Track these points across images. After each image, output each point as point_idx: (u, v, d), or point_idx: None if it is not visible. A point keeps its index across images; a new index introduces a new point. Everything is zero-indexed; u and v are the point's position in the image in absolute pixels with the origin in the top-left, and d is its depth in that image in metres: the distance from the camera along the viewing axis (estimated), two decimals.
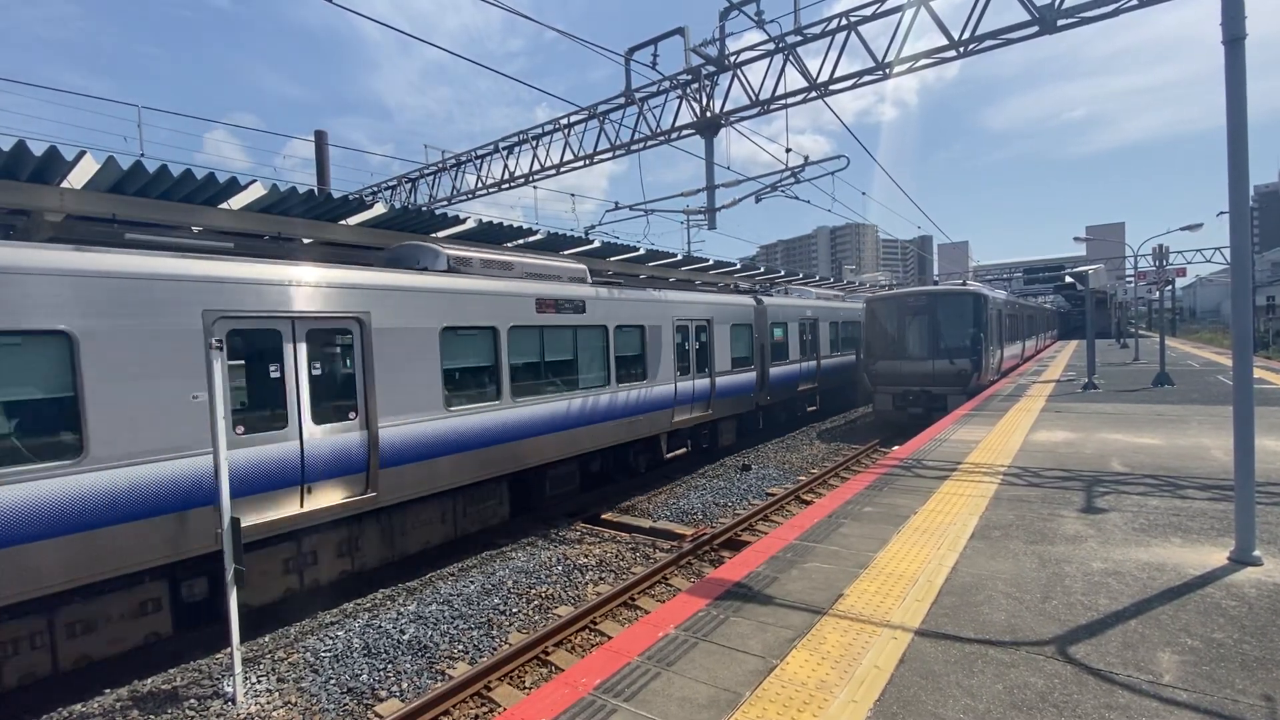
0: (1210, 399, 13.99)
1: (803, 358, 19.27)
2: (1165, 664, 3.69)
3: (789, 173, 12.52)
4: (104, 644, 6.05)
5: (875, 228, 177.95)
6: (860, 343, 21.54)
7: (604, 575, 8.51)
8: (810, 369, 19.83)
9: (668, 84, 12.17)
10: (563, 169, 14.30)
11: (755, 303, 16.86)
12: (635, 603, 7.66)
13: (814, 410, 20.68)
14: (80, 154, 7.19)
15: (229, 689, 5.71)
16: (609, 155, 13.39)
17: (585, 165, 14.00)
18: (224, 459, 5.47)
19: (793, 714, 3.39)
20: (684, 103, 12.09)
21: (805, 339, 19.46)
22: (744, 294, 17.47)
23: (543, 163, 14.68)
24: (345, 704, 5.67)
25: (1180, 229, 22.08)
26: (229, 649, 5.63)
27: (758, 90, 11.21)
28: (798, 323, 19.01)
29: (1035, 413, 13.28)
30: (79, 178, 7.75)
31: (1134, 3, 8.22)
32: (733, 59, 11.32)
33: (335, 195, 12.31)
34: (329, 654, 6.38)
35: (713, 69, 11.55)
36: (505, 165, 15.62)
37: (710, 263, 19.48)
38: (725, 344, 15.06)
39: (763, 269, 23.45)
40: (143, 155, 11.37)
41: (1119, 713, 3.25)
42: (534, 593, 7.85)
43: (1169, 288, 22.00)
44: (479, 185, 16.39)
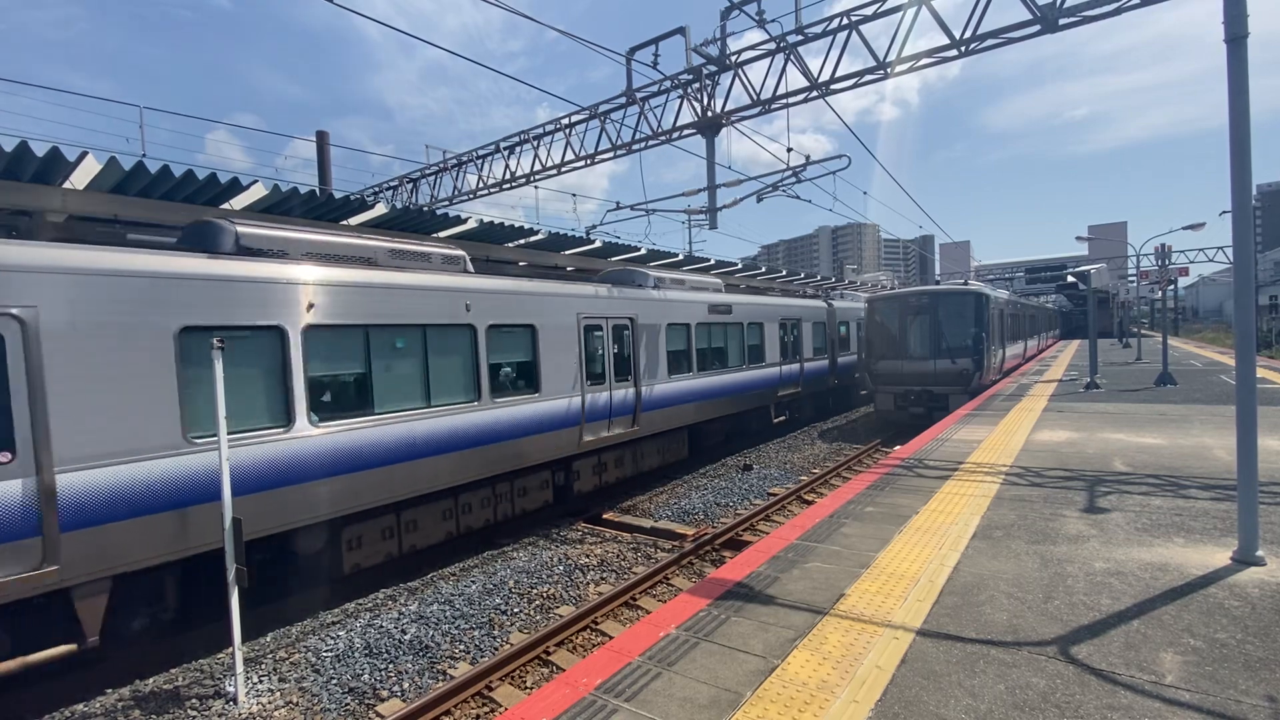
0: (1213, 398, 13.96)
1: (859, 349, 23.20)
2: (1168, 664, 3.68)
3: (790, 172, 12.52)
4: (530, 504, 10.43)
5: (877, 227, 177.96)
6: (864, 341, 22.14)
7: (605, 575, 8.50)
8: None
9: (669, 84, 12.17)
10: (564, 169, 14.31)
11: (827, 305, 21.36)
12: (636, 602, 7.66)
13: (866, 393, 23.34)
14: (82, 154, 7.20)
15: (231, 688, 5.72)
16: (610, 155, 13.39)
17: (586, 165, 14.00)
18: (226, 458, 5.48)
19: (794, 714, 3.38)
20: (685, 102, 12.09)
21: (860, 334, 23.35)
22: (817, 299, 22.03)
23: (544, 163, 14.68)
24: (347, 704, 5.68)
25: (1183, 228, 22.00)
26: (230, 648, 5.64)
27: (759, 90, 11.21)
28: (855, 321, 23.15)
29: (1037, 412, 13.26)
30: (81, 178, 7.77)
31: (1135, 1, 8.20)
32: (734, 58, 11.32)
33: (337, 195, 12.33)
34: (330, 654, 6.38)
35: (714, 68, 11.55)
36: (506, 165, 15.63)
37: (784, 272, 24.39)
38: (809, 338, 19.57)
39: (819, 276, 28.45)
40: (145, 156, 11.40)
41: (1121, 713, 3.24)
42: (535, 592, 7.86)
43: (1171, 287, 21.93)
44: (480, 185, 16.40)
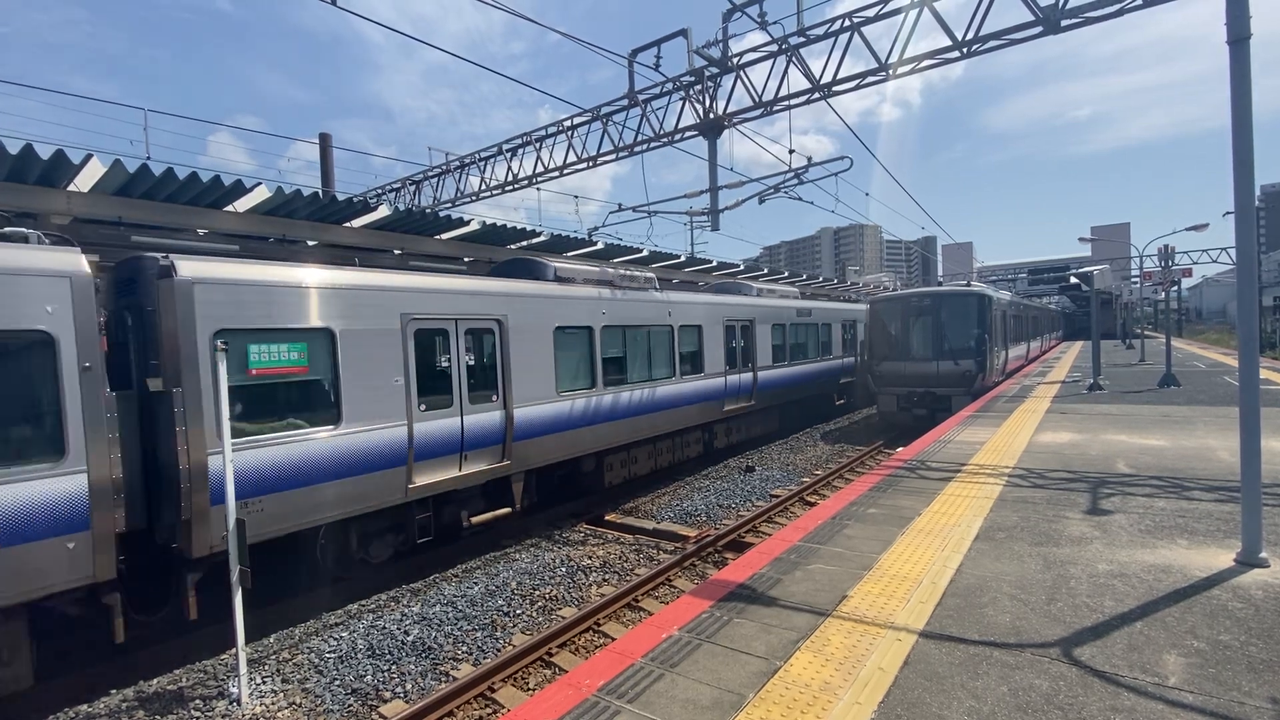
0: (1216, 400, 13.92)
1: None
2: (1171, 666, 3.67)
3: (792, 173, 12.52)
4: (691, 453, 14.44)
5: (879, 228, 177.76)
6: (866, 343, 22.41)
7: (608, 576, 8.50)
8: None
9: (671, 85, 12.17)
10: (566, 171, 14.31)
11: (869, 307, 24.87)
12: (639, 604, 7.66)
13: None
14: (87, 157, 7.23)
15: (234, 690, 5.73)
16: (612, 157, 13.40)
17: (588, 167, 14.00)
18: (229, 458, 5.49)
19: (796, 716, 3.38)
20: (687, 104, 12.09)
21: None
22: (860, 303, 24.70)
23: (546, 164, 14.69)
24: (350, 705, 5.69)
25: (1186, 229, 21.93)
26: (234, 650, 5.65)
27: (760, 91, 11.21)
28: None
29: (1040, 414, 13.24)
30: (86, 180, 7.79)
31: (1138, 2, 8.18)
32: (736, 60, 11.31)
33: (340, 197, 12.37)
34: (333, 655, 6.40)
35: (716, 70, 11.55)
36: (509, 167, 15.64)
37: (820, 280, 29.03)
38: (860, 336, 23.04)
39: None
40: (149, 158, 11.43)
41: (1124, 715, 3.24)
42: (538, 594, 7.86)
43: (1175, 288, 21.84)
44: (483, 187, 16.42)
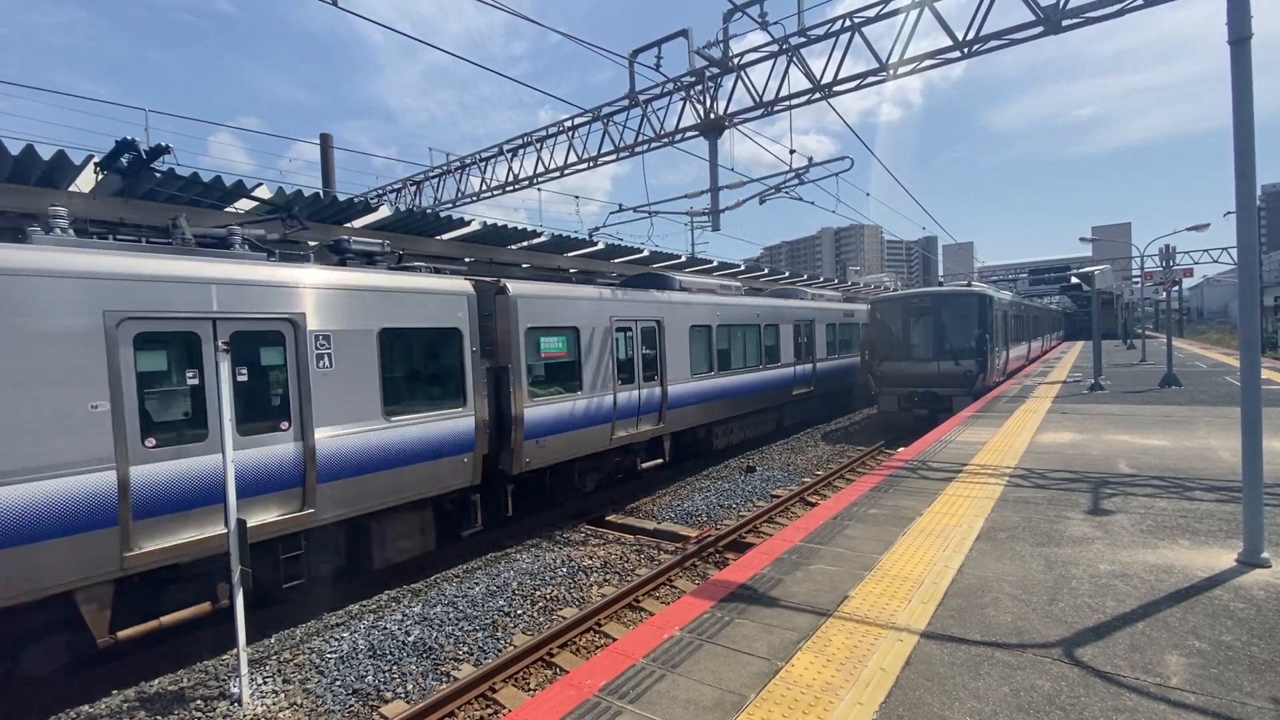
0: (1218, 400, 13.90)
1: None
2: (1173, 667, 3.67)
3: (793, 174, 12.53)
4: (764, 430, 17.18)
5: (879, 228, 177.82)
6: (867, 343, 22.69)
7: (608, 577, 8.50)
8: None
9: (671, 86, 12.18)
10: (567, 171, 14.32)
11: None
12: (640, 604, 7.66)
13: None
14: (88, 158, 7.24)
15: (235, 690, 5.73)
16: (613, 157, 13.41)
17: (589, 167, 14.01)
18: (230, 459, 5.50)
19: (798, 716, 3.38)
20: (688, 104, 12.10)
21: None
22: None
23: (547, 165, 14.70)
24: (351, 705, 5.69)
25: (1187, 229, 21.93)
26: (235, 650, 5.65)
27: (761, 91, 11.21)
28: None
29: (1041, 414, 13.23)
30: (87, 181, 7.80)
31: (1139, 2, 8.18)
32: (736, 60, 11.32)
33: (340, 198, 12.37)
34: (334, 655, 6.40)
35: (716, 70, 11.56)
36: (509, 167, 15.64)
37: (849, 284, 31.18)
38: None
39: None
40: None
41: (1126, 715, 3.23)
42: (538, 594, 7.86)
43: (1176, 288, 21.82)
44: (483, 187, 16.43)
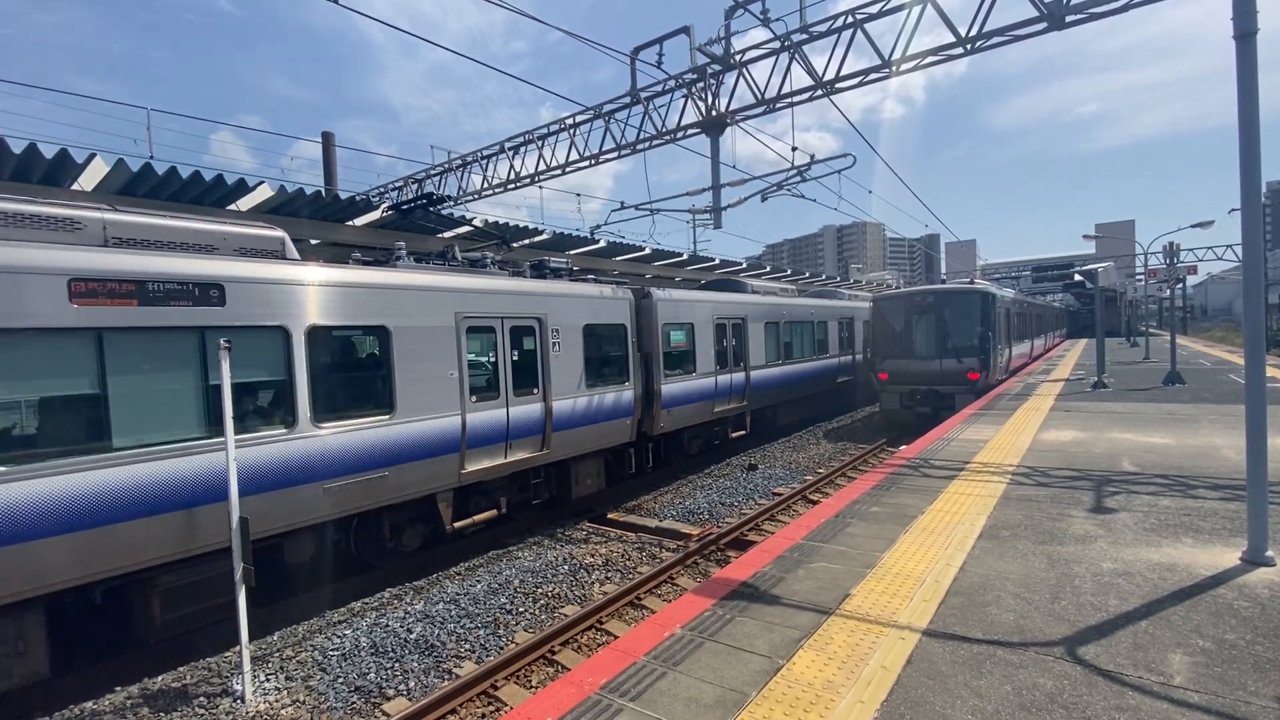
0: (1222, 398, 13.85)
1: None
2: (1176, 665, 3.65)
3: (795, 171, 12.49)
4: (816, 414, 20.12)
5: (882, 226, 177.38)
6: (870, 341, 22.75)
7: (610, 575, 8.51)
8: None
9: (673, 83, 12.15)
10: (568, 169, 14.29)
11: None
12: (641, 602, 7.66)
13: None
14: (90, 156, 7.25)
15: (238, 687, 5.75)
16: (614, 155, 13.38)
17: (591, 165, 13.99)
18: (233, 458, 5.51)
19: (799, 714, 3.38)
20: (689, 102, 12.06)
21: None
22: None
23: (548, 163, 14.67)
24: (353, 702, 5.70)
25: (1191, 226, 21.84)
26: (238, 647, 5.67)
27: (763, 89, 11.18)
28: None
29: (1044, 412, 13.19)
30: (89, 180, 7.82)
31: None
32: (738, 57, 11.29)
33: (342, 196, 12.38)
34: (337, 652, 6.41)
35: (718, 68, 11.52)
36: (511, 165, 15.62)
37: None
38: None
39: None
40: (152, 158, 11.44)
41: (1129, 714, 3.23)
42: (540, 592, 7.87)
43: (1180, 285, 21.77)
44: (485, 185, 16.41)
